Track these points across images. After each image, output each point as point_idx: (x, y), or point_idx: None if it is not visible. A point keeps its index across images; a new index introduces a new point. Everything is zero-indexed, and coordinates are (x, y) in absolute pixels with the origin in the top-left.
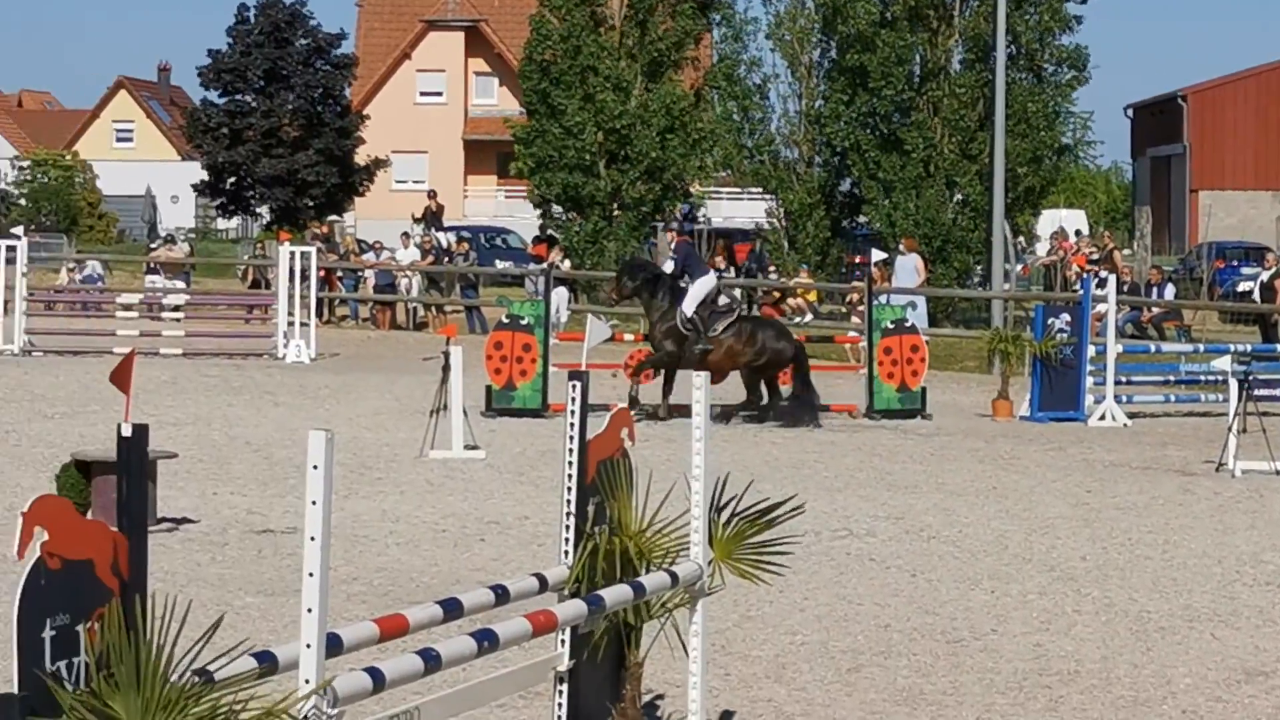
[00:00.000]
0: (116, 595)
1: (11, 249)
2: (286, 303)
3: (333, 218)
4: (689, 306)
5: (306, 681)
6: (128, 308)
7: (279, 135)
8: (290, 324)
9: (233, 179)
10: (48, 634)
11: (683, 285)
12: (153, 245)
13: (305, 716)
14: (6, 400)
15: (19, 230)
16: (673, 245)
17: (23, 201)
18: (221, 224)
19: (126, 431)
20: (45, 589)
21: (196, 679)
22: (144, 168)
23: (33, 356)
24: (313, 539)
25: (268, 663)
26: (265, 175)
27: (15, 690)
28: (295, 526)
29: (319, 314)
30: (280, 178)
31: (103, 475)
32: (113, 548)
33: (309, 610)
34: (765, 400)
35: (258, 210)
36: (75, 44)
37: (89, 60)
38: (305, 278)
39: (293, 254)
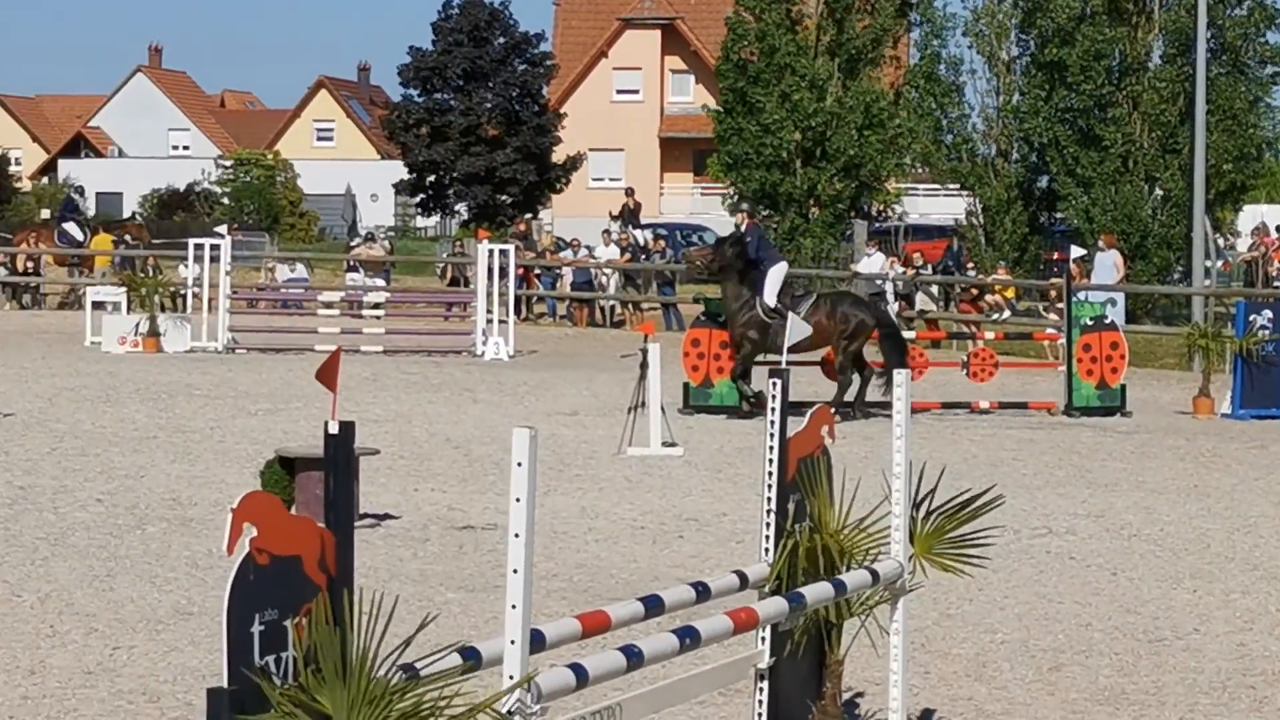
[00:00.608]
0: (324, 591)
1: (215, 247)
2: (485, 300)
3: (530, 215)
4: (770, 296)
5: (510, 677)
6: (329, 305)
7: (478, 133)
8: (489, 321)
9: (432, 177)
10: (256, 629)
11: (760, 274)
12: (354, 243)
13: (509, 712)
14: (211, 397)
15: (222, 229)
16: (743, 228)
17: (226, 200)
18: (420, 222)
19: (334, 428)
20: (254, 584)
21: (401, 674)
22: (344, 167)
23: (236, 354)
24: (517, 536)
25: (471, 659)
26: (464, 173)
27: (225, 684)
28: (495, 523)
29: (517, 311)
30: (479, 176)
31: (306, 471)
32: (320, 544)
33: (513, 606)
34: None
35: (456, 208)
36: (276, 45)
37: (290, 60)
38: (504, 275)
39: (491, 251)
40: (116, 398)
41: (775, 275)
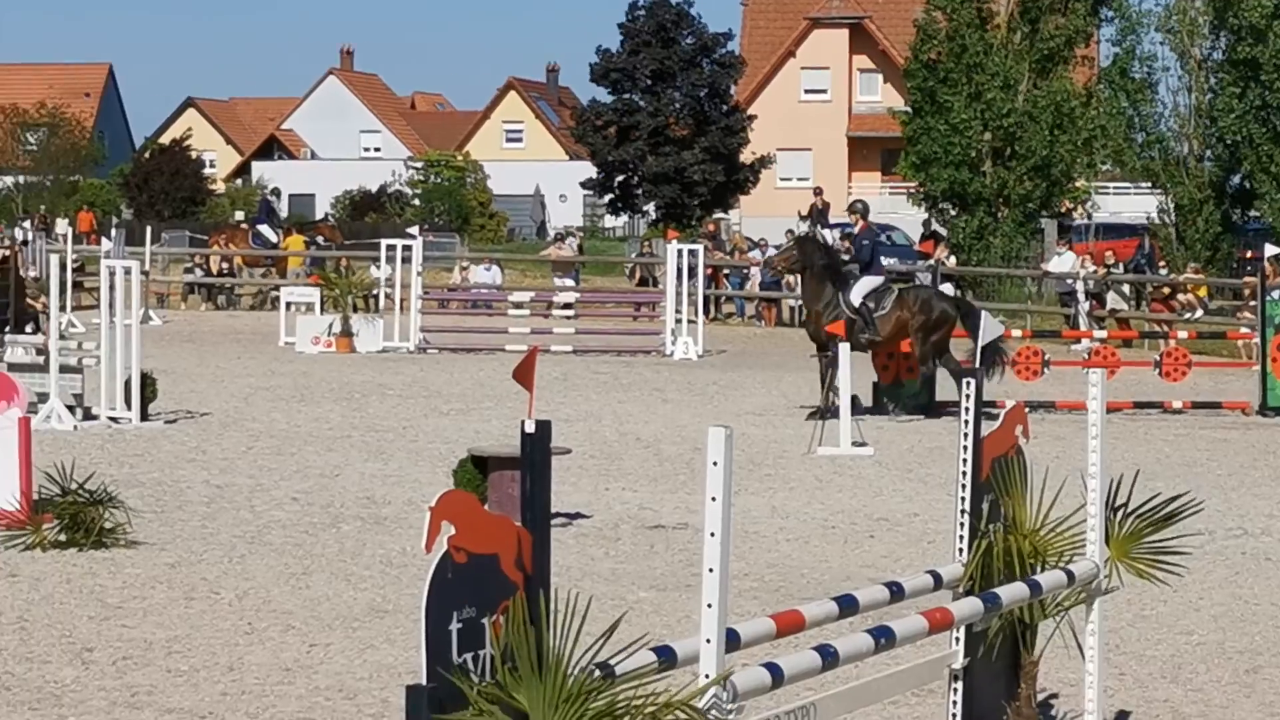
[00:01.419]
0: (520, 589)
1: (407, 248)
2: (674, 300)
3: (719, 215)
4: (856, 296)
5: (706, 675)
6: (519, 305)
7: (666, 134)
8: (678, 321)
9: (621, 177)
10: (454, 627)
11: (849, 273)
12: (550, 243)
13: (705, 711)
14: (404, 396)
15: (414, 230)
16: (857, 230)
17: (416, 202)
18: (609, 221)
19: (530, 427)
20: (452, 582)
21: (597, 672)
22: (533, 167)
23: (427, 353)
24: (712, 535)
25: (666, 658)
26: (652, 173)
27: (423, 682)
28: (686, 522)
29: (706, 311)
30: (667, 176)
31: (499, 471)
32: (517, 542)
33: (709, 605)
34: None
35: (644, 208)
36: (466, 47)
37: (480, 62)
38: (693, 275)
39: (680, 252)
40: (311, 397)
41: (866, 282)
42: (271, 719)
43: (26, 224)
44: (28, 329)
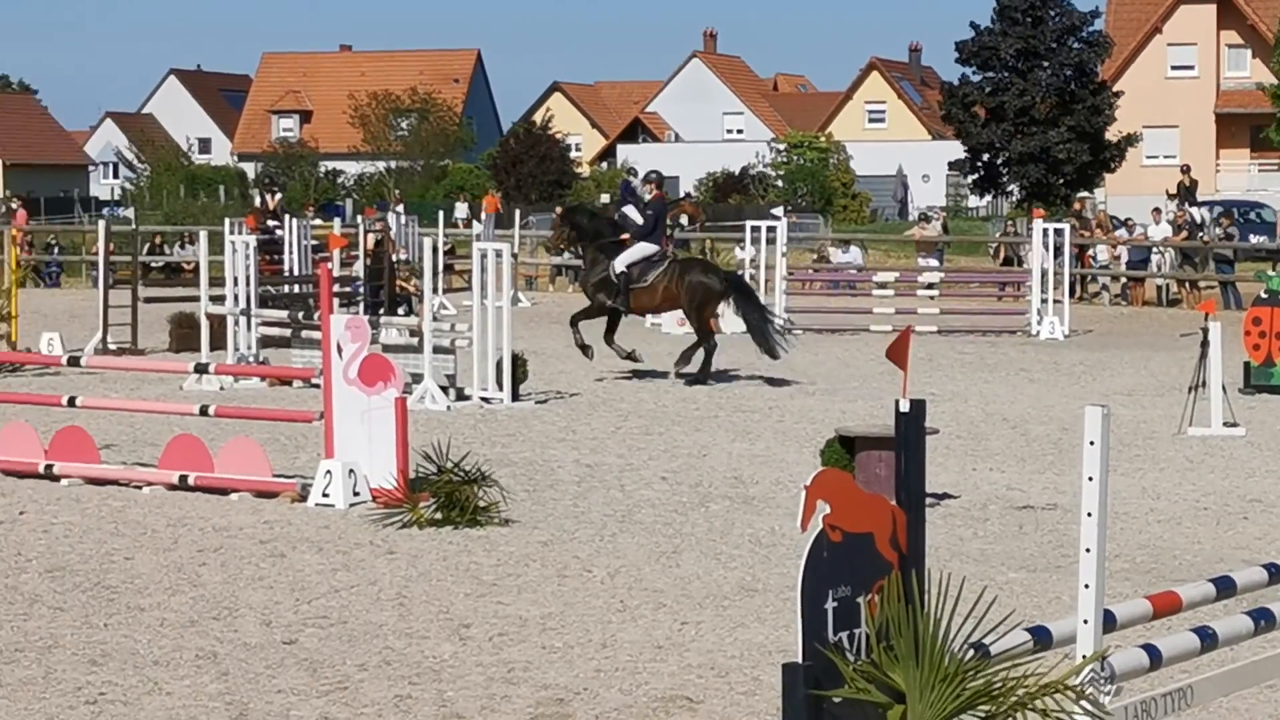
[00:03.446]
0: (895, 568)
1: (772, 229)
2: (1040, 280)
3: (1084, 194)
4: (621, 264)
5: (1083, 655)
6: (882, 286)
7: (1031, 114)
8: (1044, 301)
9: (985, 157)
10: (830, 605)
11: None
12: (914, 223)
13: (1083, 690)
14: (770, 376)
15: (778, 210)
16: (650, 198)
17: (780, 183)
18: (972, 201)
19: (904, 406)
20: (827, 561)
21: (972, 652)
22: (895, 147)
23: (792, 334)
24: (1089, 515)
25: (1041, 638)
26: (1018, 153)
27: (799, 660)
28: (1055, 503)
29: (1071, 291)
30: (1032, 155)
31: (866, 450)
32: (891, 521)
33: (1085, 586)
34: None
35: (1009, 188)
36: (828, 27)
37: (842, 43)
38: (1058, 254)
39: (1046, 231)
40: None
41: (637, 249)
42: (645, 695)
43: (400, 208)
44: (400, 311)
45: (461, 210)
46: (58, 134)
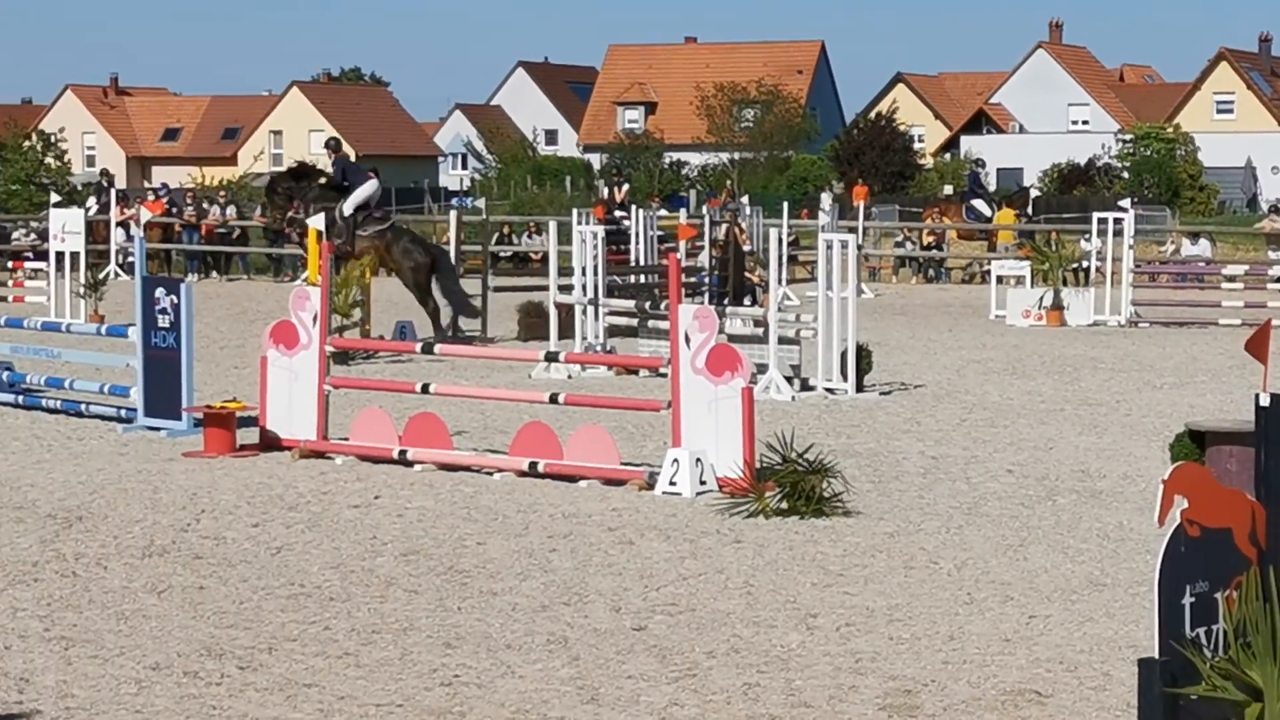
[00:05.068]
0: (1254, 564)
1: (1119, 221)
2: None
3: None
4: (349, 206)
5: None
6: (1231, 279)
7: None
8: None
9: None
10: (1187, 601)
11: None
12: (1264, 216)
13: None
14: (1115, 370)
15: (1125, 203)
16: (331, 160)
17: (1125, 175)
18: None
19: (1264, 400)
20: (1184, 556)
21: None
22: (1244, 139)
23: (1138, 327)
24: None
25: None
26: None
27: (1155, 655)
28: None
29: None
30: None
31: (1216, 445)
32: (1250, 517)
33: None
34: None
35: None
36: (1176, 17)
37: (1190, 33)
38: None
39: None
40: (1022, 370)
41: (360, 192)
42: (993, 688)
43: (745, 198)
44: (745, 301)
45: (826, 201)
46: (409, 126)
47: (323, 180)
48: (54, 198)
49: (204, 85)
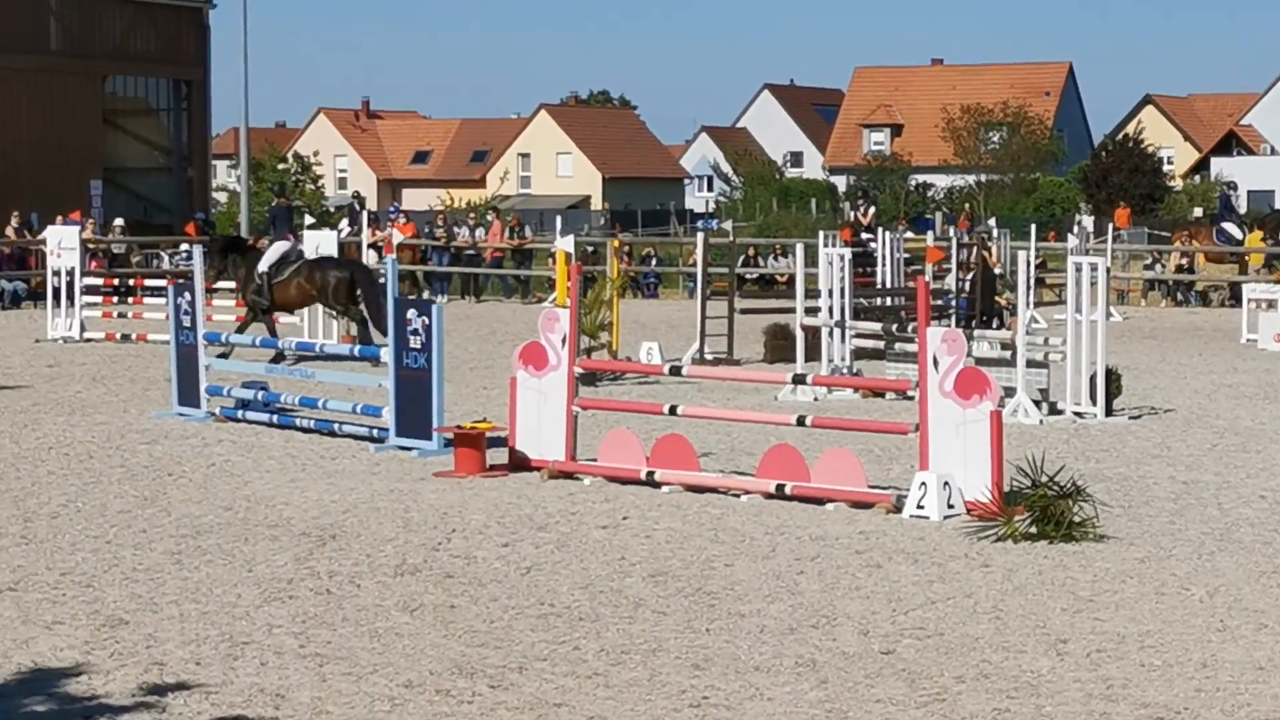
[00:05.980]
0: None
1: None
2: None
3: None
4: (264, 264)
5: None
6: None
7: None
8: None
9: None
10: None
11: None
12: None
13: None
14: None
15: None
16: (275, 205)
17: None
18: None
19: None
20: None
21: None
22: None
23: None
24: None
25: None
26: None
27: None
28: None
29: None
30: None
31: None
32: None
33: None
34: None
35: None
36: None
37: None
38: None
39: None
40: (1275, 394)
41: (272, 251)
42: (1247, 717)
43: (992, 221)
44: (993, 324)
45: (1088, 222)
46: (655, 148)
47: (247, 244)
48: (308, 220)
49: (453, 108)
